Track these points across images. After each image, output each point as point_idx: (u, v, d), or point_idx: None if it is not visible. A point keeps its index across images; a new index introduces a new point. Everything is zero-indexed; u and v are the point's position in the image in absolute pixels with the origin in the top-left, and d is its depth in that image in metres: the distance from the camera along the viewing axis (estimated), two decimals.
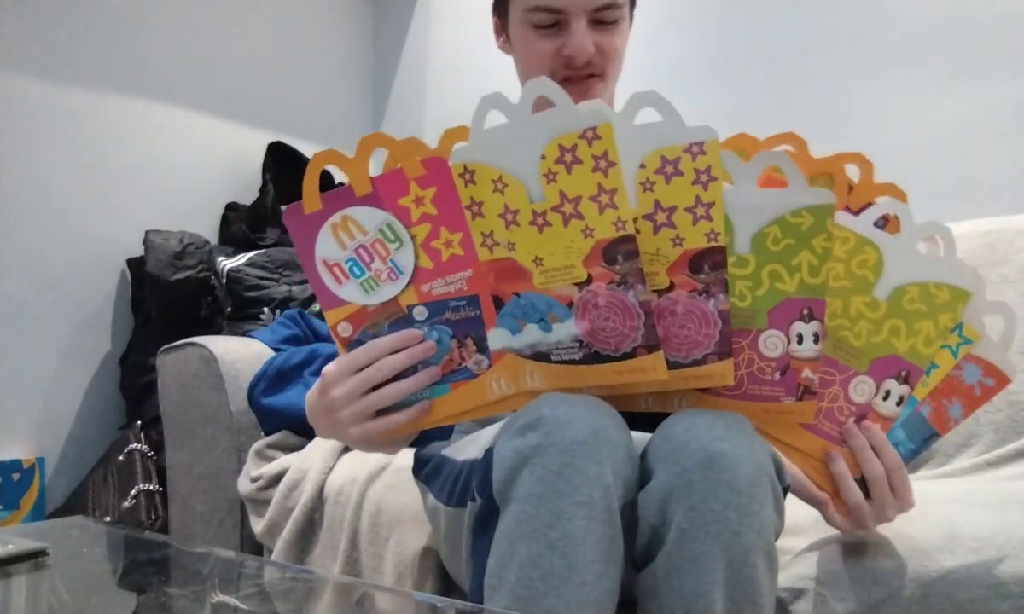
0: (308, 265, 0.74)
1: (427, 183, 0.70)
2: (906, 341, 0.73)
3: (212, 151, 2.23)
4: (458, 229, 0.71)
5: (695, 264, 0.70)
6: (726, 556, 0.66)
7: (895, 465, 0.75)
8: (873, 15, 1.69)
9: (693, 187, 0.68)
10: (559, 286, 0.71)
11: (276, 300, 1.91)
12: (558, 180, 0.67)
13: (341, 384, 0.77)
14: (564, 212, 0.68)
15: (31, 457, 1.83)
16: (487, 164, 0.68)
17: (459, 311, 0.74)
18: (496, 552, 0.69)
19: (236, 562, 0.83)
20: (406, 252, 0.72)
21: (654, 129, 0.67)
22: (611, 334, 0.72)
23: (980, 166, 1.53)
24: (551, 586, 0.66)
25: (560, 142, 0.66)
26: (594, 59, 0.93)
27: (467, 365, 0.76)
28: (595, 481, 0.68)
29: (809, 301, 0.71)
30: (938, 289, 0.71)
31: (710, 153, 0.67)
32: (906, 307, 0.72)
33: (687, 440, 0.70)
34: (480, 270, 0.72)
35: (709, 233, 0.69)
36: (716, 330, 0.72)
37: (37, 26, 1.89)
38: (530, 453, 0.69)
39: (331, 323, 0.76)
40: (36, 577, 0.76)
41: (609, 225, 0.68)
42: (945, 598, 0.71)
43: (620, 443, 0.72)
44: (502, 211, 0.69)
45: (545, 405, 0.72)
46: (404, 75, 2.65)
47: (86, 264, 1.96)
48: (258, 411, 1.50)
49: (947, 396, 0.76)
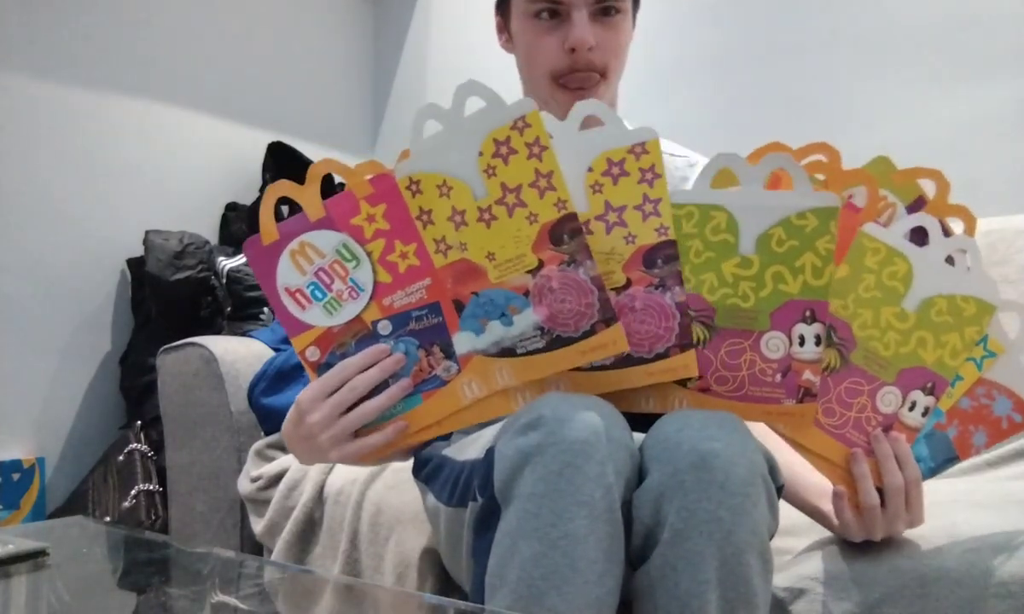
0: (271, 295, 0.76)
1: (377, 200, 0.73)
2: (933, 353, 0.73)
3: (212, 151, 2.23)
4: (411, 240, 0.74)
5: (648, 259, 0.72)
6: (720, 556, 0.66)
7: (915, 479, 0.75)
8: (873, 15, 1.69)
9: (639, 186, 0.71)
10: (514, 277, 0.73)
11: None
12: (497, 173, 0.70)
13: (316, 410, 0.78)
14: (507, 203, 0.71)
15: (31, 457, 1.83)
16: (430, 171, 0.71)
17: (422, 320, 0.76)
18: (497, 551, 0.69)
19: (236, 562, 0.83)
20: (364, 269, 0.75)
21: (598, 134, 0.70)
22: (569, 315, 0.73)
23: (980, 166, 1.53)
24: (553, 585, 0.66)
25: (494, 136, 0.70)
26: (595, 55, 0.92)
27: (436, 373, 0.78)
28: (597, 480, 0.68)
29: (812, 303, 0.72)
30: (965, 302, 0.72)
31: (652, 152, 0.70)
32: (934, 319, 0.72)
33: (680, 440, 0.70)
34: (437, 277, 0.74)
35: (659, 228, 0.71)
36: (675, 322, 0.74)
37: (37, 26, 1.89)
38: (532, 452, 0.69)
39: (298, 349, 0.78)
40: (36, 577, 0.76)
41: (551, 207, 0.70)
42: (945, 598, 0.71)
43: (622, 442, 0.72)
44: (450, 214, 0.72)
45: (546, 404, 0.72)
46: (404, 75, 2.65)
47: (86, 264, 1.96)
48: (258, 411, 1.50)
49: (974, 423, 0.76)
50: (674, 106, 1.95)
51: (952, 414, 0.76)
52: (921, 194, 0.76)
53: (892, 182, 0.75)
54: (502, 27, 1.02)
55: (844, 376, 0.74)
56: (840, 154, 0.74)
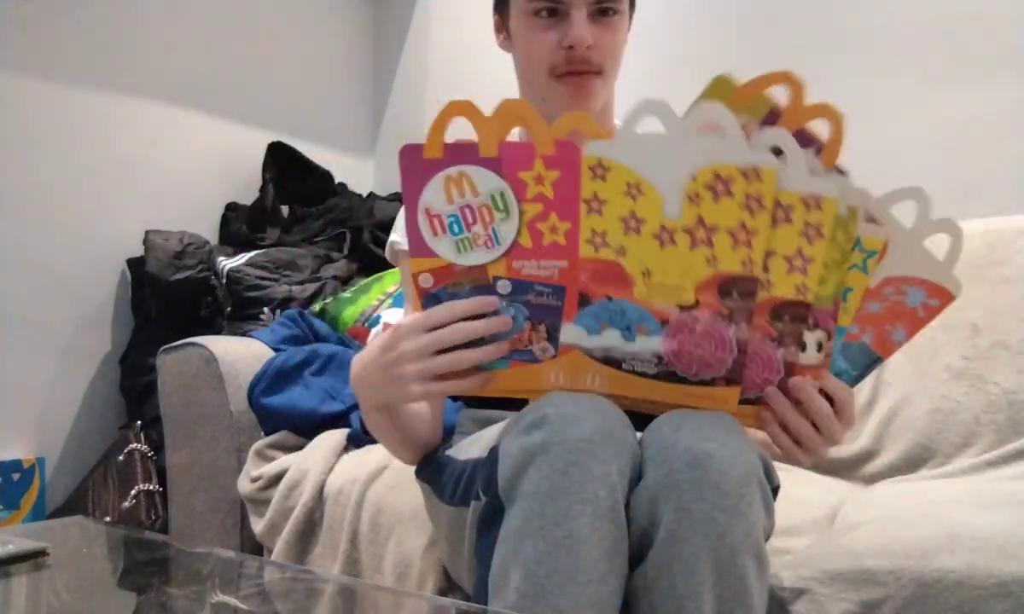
0: (410, 208, 0.72)
1: (553, 165, 0.68)
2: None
3: (212, 151, 2.23)
4: (568, 218, 0.70)
5: (725, 288, 0.69)
6: (714, 557, 0.66)
7: (825, 412, 0.73)
8: (873, 15, 1.69)
9: (740, 211, 0.66)
10: (660, 302, 0.70)
11: (276, 300, 1.91)
12: (701, 205, 0.66)
13: (413, 339, 0.76)
14: (695, 235, 0.67)
15: (31, 457, 1.83)
16: (626, 165, 0.66)
17: (543, 297, 0.73)
18: (501, 550, 0.70)
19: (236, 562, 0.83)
20: (510, 224, 0.71)
21: (714, 143, 0.65)
22: (696, 360, 0.72)
23: (980, 166, 1.53)
24: (557, 584, 0.66)
25: (717, 170, 0.65)
26: (593, 54, 0.93)
27: (532, 349, 0.75)
28: (601, 479, 0.68)
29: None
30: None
31: (766, 181, 0.65)
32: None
33: (675, 440, 0.70)
34: (576, 264, 0.71)
35: (746, 260, 0.68)
36: (730, 357, 0.71)
37: (37, 26, 1.89)
38: (536, 451, 0.69)
39: (414, 271, 0.74)
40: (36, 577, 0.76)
41: (738, 262, 0.67)
42: (945, 598, 0.71)
43: (626, 442, 0.72)
44: (626, 215, 0.68)
45: (551, 403, 0.72)
46: (404, 75, 2.65)
47: (86, 264, 1.96)
48: (258, 411, 1.51)
49: (890, 322, 0.73)
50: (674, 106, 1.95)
51: (862, 321, 0.73)
52: (772, 106, 0.71)
53: (738, 100, 0.70)
54: (500, 26, 1.03)
55: None
56: (803, 85, 0.69)
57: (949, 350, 1.23)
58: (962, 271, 0.73)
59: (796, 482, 1.22)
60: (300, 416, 1.49)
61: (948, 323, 1.24)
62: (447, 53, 2.52)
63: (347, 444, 1.43)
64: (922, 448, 1.21)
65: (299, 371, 1.54)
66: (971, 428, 1.17)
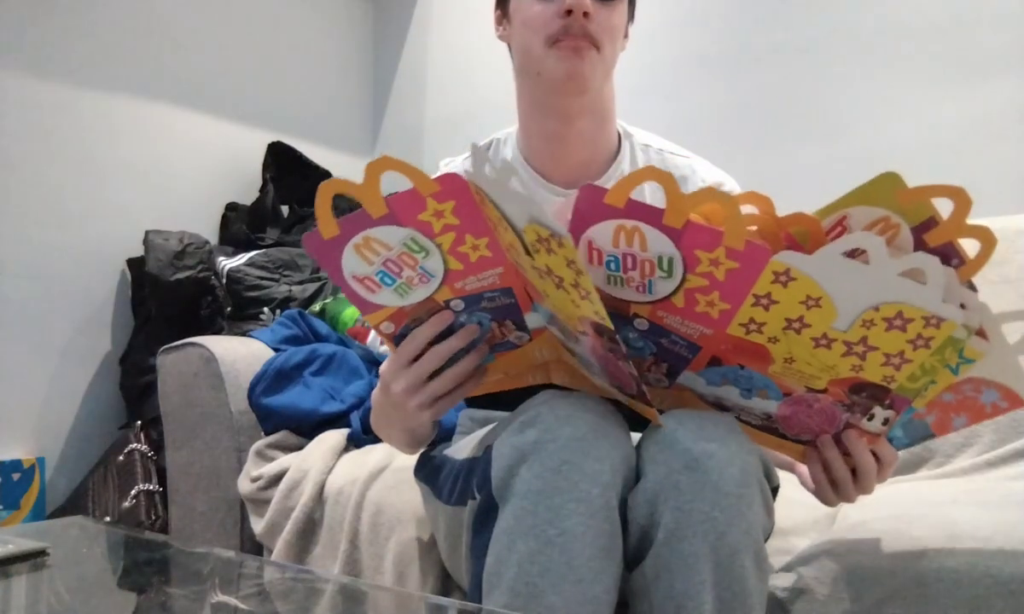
0: (338, 281, 0.74)
1: (444, 198, 0.69)
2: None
3: (212, 151, 2.23)
4: (482, 234, 0.70)
5: (856, 388, 0.70)
6: (714, 557, 0.66)
7: (882, 465, 0.76)
8: (873, 15, 1.69)
9: (905, 345, 0.66)
10: (792, 383, 0.71)
11: (276, 300, 1.91)
12: (871, 330, 0.66)
13: (400, 379, 0.78)
14: (852, 348, 0.67)
15: (31, 457, 1.83)
16: (816, 281, 0.64)
17: (494, 300, 0.75)
18: (495, 549, 0.70)
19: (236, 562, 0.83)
20: (434, 259, 0.72)
21: (915, 288, 0.64)
22: (801, 426, 0.75)
23: (980, 166, 1.53)
24: (550, 583, 0.66)
25: (903, 310, 0.64)
26: (591, 26, 0.92)
27: (509, 339, 0.79)
28: (594, 478, 0.68)
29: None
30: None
31: (943, 330, 0.65)
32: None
33: (674, 440, 0.70)
34: (509, 267, 0.72)
35: (888, 377, 0.69)
36: (832, 430, 0.75)
37: (37, 26, 1.89)
38: (529, 450, 0.69)
39: (373, 324, 0.77)
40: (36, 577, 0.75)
41: (880, 376, 0.68)
42: (945, 598, 0.71)
43: (619, 440, 0.72)
44: (794, 319, 0.67)
45: (544, 402, 0.72)
46: (404, 75, 2.65)
47: (86, 264, 1.96)
48: (258, 411, 1.50)
49: (956, 411, 0.75)
50: (674, 106, 1.95)
51: (932, 406, 0.75)
52: (932, 214, 0.71)
53: (899, 201, 0.69)
54: (500, 18, 1.02)
55: None
56: (969, 204, 0.69)
57: None
58: None
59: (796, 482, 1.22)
60: (300, 416, 1.49)
61: None
62: (447, 53, 2.52)
63: (347, 444, 1.43)
64: (922, 448, 1.20)
65: (299, 371, 1.54)
66: (971, 428, 1.17)
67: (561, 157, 0.99)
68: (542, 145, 1.00)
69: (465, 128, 2.42)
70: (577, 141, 0.99)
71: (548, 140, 0.99)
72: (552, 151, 1.00)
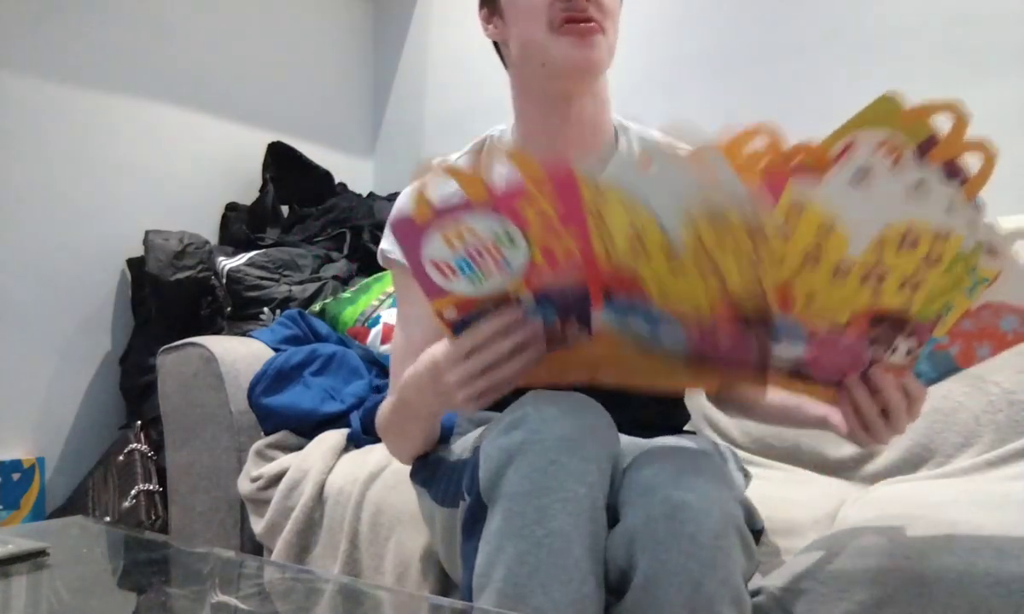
0: (412, 262, 0.72)
1: (547, 186, 0.67)
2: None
3: (212, 151, 2.23)
4: (576, 230, 0.69)
5: (877, 319, 0.70)
6: (689, 606, 0.66)
7: (911, 401, 0.76)
8: (873, 15, 1.69)
9: (918, 263, 0.66)
10: (816, 323, 0.70)
11: (276, 300, 1.91)
12: (884, 251, 0.66)
13: (456, 370, 0.76)
14: (869, 272, 0.67)
15: (31, 457, 1.83)
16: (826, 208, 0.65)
17: (566, 296, 0.73)
18: (484, 550, 0.70)
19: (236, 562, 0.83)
20: (519, 251, 0.70)
21: (921, 205, 0.65)
22: (829, 368, 0.74)
23: None
24: (538, 583, 0.66)
25: (913, 226, 0.65)
26: (593, 11, 0.91)
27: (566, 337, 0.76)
28: (580, 478, 0.68)
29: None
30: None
31: (952, 243, 0.66)
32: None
33: (653, 486, 0.70)
34: (592, 263, 0.70)
35: (906, 302, 0.69)
36: (860, 370, 0.74)
37: (37, 26, 1.89)
38: (516, 451, 0.69)
39: (436, 310, 0.75)
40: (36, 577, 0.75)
41: (899, 302, 0.68)
42: (945, 598, 0.71)
43: (606, 440, 0.72)
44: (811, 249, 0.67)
45: (530, 403, 0.72)
46: (404, 75, 2.65)
47: (86, 264, 1.96)
48: (258, 411, 1.51)
49: (978, 339, 0.75)
50: (674, 106, 1.95)
51: (953, 335, 0.74)
52: (932, 132, 0.70)
53: (900, 121, 0.68)
54: (488, 16, 1.01)
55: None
56: (967, 119, 0.69)
57: None
58: None
59: (796, 482, 1.22)
60: (300, 416, 1.49)
61: None
62: (447, 53, 2.52)
63: (347, 444, 1.43)
64: (922, 448, 1.20)
65: (299, 371, 1.54)
66: (971, 428, 1.17)
67: (561, 147, 0.98)
68: (540, 139, 0.99)
69: (465, 127, 2.41)
70: (577, 125, 0.97)
71: (548, 130, 0.98)
72: (551, 144, 0.99)
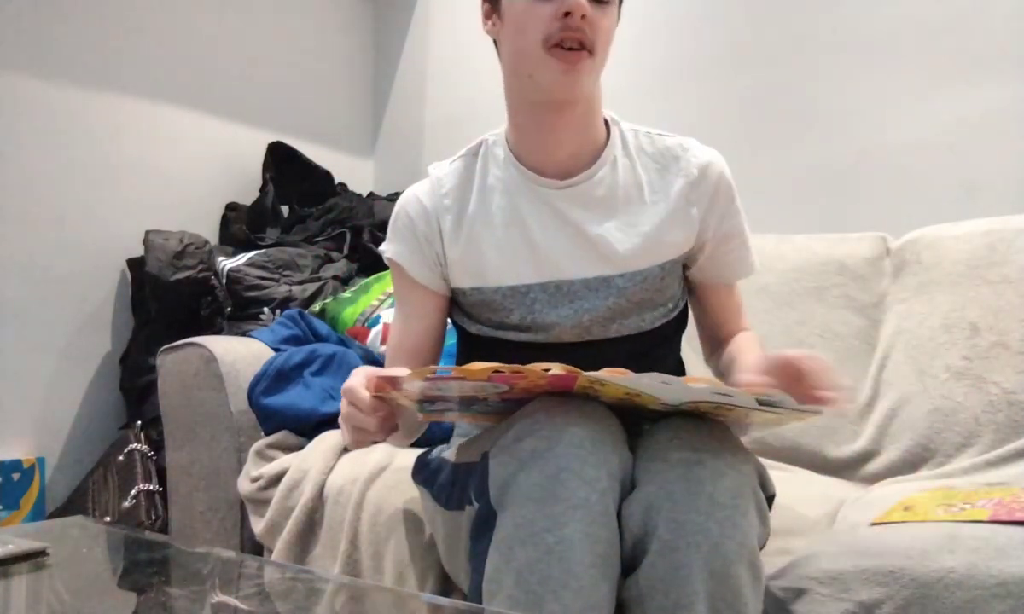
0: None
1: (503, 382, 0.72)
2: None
3: (212, 151, 2.23)
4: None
5: None
6: (708, 567, 0.66)
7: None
8: (873, 15, 1.69)
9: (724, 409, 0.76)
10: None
11: (276, 300, 1.91)
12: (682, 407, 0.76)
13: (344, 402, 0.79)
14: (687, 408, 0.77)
15: (31, 457, 1.83)
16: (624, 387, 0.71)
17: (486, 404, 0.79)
18: (494, 557, 0.69)
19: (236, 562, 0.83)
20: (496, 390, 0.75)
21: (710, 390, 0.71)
22: None
23: (980, 166, 1.53)
24: (549, 591, 0.65)
25: (700, 405, 0.74)
26: (587, 28, 0.91)
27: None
28: (592, 485, 0.68)
29: None
30: None
31: (734, 410, 0.75)
32: None
33: (669, 451, 0.70)
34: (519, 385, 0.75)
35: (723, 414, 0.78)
36: None
37: (37, 26, 1.89)
38: (527, 458, 0.69)
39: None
40: (36, 577, 0.75)
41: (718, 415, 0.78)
42: (945, 598, 0.71)
43: (617, 447, 0.72)
44: (623, 397, 0.75)
45: (541, 410, 0.72)
46: (404, 75, 2.65)
47: (86, 264, 1.96)
48: (258, 411, 1.50)
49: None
50: (673, 106, 1.95)
51: None
52: None
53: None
54: (489, 13, 1.01)
55: None
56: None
57: (949, 350, 1.23)
58: (962, 271, 0.73)
59: (796, 482, 1.22)
60: (300, 416, 1.49)
61: (948, 323, 1.24)
62: (447, 53, 2.51)
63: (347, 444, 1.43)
64: (922, 448, 1.21)
65: (299, 371, 1.54)
66: (971, 428, 1.17)
67: (553, 150, 0.99)
68: (533, 140, 0.99)
69: (465, 128, 2.40)
70: (567, 132, 0.98)
71: (539, 135, 0.98)
72: (544, 145, 0.99)
